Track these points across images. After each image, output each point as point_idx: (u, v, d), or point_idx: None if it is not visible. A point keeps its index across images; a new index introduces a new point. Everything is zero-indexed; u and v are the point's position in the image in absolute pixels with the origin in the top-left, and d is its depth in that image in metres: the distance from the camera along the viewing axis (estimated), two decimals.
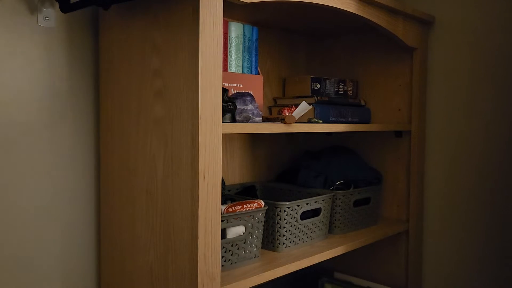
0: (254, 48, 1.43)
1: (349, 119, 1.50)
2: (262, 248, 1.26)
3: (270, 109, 1.55)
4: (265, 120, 1.20)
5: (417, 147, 1.56)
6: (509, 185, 1.46)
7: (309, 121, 1.29)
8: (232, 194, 1.36)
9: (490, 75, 1.48)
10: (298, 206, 1.26)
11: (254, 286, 1.62)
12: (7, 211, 1.09)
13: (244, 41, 1.40)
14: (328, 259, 1.78)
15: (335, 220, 1.41)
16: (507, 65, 1.45)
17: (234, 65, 1.38)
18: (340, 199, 1.40)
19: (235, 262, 1.11)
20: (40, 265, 1.15)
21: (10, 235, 1.09)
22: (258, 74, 1.44)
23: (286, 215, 1.23)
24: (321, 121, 1.29)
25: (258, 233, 1.15)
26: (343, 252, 1.30)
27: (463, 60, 1.53)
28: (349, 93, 1.64)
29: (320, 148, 1.83)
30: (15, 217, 1.10)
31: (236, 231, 1.10)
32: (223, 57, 1.33)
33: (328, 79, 1.56)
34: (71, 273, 1.21)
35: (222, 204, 1.14)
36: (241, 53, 1.39)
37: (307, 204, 1.28)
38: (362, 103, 1.59)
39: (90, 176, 1.23)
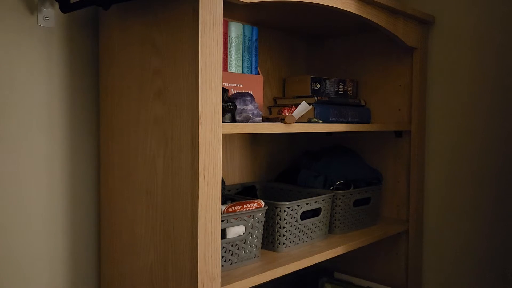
0: (254, 48, 1.43)
1: (349, 119, 1.49)
2: (262, 248, 1.26)
3: (270, 109, 1.55)
4: (265, 120, 1.20)
5: (417, 147, 1.56)
6: (509, 185, 1.46)
7: (309, 121, 1.29)
8: (232, 194, 1.36)
9: (490, 75, 1.48)
10: (298, 206, 1.26)
11: (254, 286, 1.62)
12: (6, 212, 1.09)
13: (244, 41, 1.40)
14: (328, 259, 1.78)
15: (335, 220, 1.41)
16: (507, 65, 1.45)
17: (234, 65, 1.38)
18: (340, 199, 1.40)
19: (235, 262, 1.11)
20: (40, 265, 1.15)
21: (10, 236, 1.09)
22: (258, 74, 1.44)
23: (286, 215, 1.23)
24: (321, 121, 1.29)
25: (258, 233, 1.15)
26: (343, 252, 1.30)
27: (463, 60, 1.53)
28: (349, 93, 1.64)
29: (320, 148, 1.83)
30: (14, 218, 1.10)
31: (236, 231, 1.10)
32: (223, 57, 1.34)
33: (328, 79, 1.56)
34: (72, 273, 1.21)
35: (222, 204, 1.14)
36: (241, 53, 1.39)
37: (307, 204, 1.28)
38: (362, 103, 1.59)
39: (90, 176, 1.23)
